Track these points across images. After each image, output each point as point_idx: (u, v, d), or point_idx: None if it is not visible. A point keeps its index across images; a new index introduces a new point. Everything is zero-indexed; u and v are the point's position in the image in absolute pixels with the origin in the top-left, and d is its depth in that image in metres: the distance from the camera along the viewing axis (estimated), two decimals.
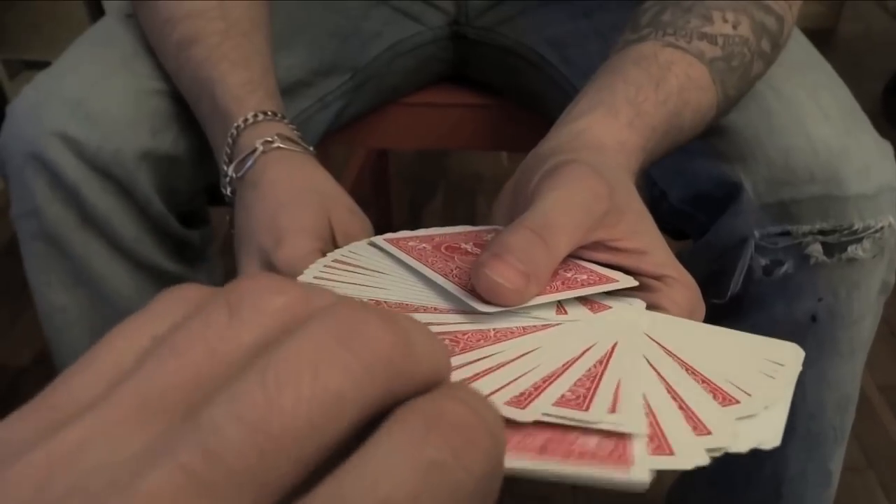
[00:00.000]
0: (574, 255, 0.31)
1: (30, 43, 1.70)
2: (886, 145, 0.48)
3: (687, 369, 0.27)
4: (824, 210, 0.45)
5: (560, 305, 0.29)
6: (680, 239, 0.57)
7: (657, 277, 0.31)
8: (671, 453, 0.22)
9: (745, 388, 0.26)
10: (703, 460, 0.22)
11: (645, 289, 0.31)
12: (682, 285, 0.31)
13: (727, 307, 0.50)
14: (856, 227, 0.45)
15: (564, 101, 0.60)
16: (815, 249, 0.46)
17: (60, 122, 0.47)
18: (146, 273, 0.53)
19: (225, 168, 0.44)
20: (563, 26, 0.62)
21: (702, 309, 0.32)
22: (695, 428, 0.24)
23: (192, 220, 0.56)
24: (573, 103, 0.40)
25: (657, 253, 0.32)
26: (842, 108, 0.48)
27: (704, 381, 0.26)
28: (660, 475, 0.21)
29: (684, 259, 0.53)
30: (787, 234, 0.46)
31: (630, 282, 0.31)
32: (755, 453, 0.54)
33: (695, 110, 0.41)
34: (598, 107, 0.38)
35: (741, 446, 0.24)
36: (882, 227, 0.45)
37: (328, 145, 0.78)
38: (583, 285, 0.29)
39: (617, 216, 0.31)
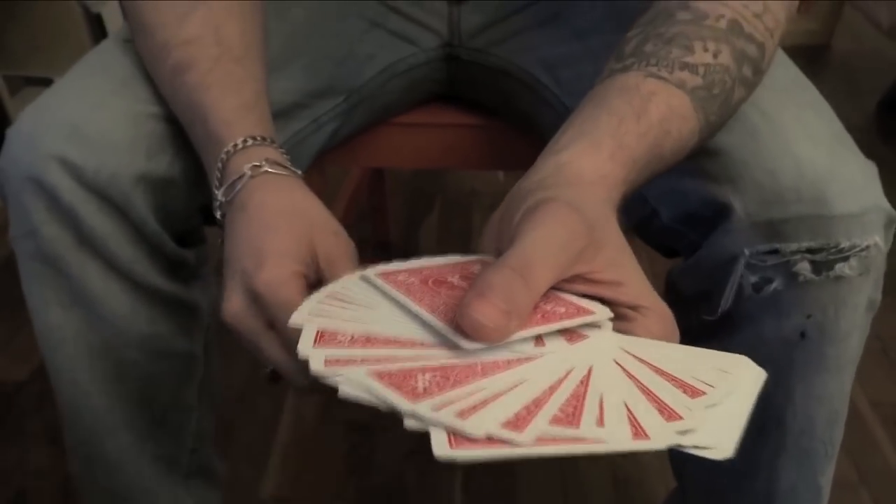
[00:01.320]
0: (554, 287, 0.32)
1: (31, 60, 1.72)
2: (871, 166, 0.49)
3: (656, 371, 0.30)
4: (812, 229, 0.46)
5: (539, 338, 0.31)
6: (670, 257, 0.58)
7: (633, 307, 0.33)
8: (647, 438, 0.27)
9: (709, 382, 0.30)
10: (675, 441, 0.27)
11: (621, 318, 0.33)
12: (657, 315, 0.33)
13: (717, 324, 0.51)
14: (842, 245, 0.46)
15: (557, 121, 0.61)
16: (804, 267, 0.46)
17: (58, 146, 0.47)
18: (142, 292, 0.54)
19: (216, 192, 0.45)
20: (555, 48, 0.63)
21: (676, 336, 0.34)
22: (668, 417, 0.28)
23: (187, 240, 0.57)
24: (559, 132, 0.41)
25: (633, 284, 0.33)
26: (827, 131, 0.49)
27: (673, 380, 0.30)
28: (653, 492, 0.23)
29: (674, 277, 0.54)
30: (775, 252, 0.46)
31: (606, 314, 0.32)
32: (747, 468, 0.55)
33: (676, 140, 0.42)
34: (581, 139, 0.39)
35: (703, 439, 0.28)
36: (868, 246, 0.46)
37: (324, 163, 0.80)
38: (561, 318, 0.31)
39: (594, 250, 0.32)
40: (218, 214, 0.45)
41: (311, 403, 1.02)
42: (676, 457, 0.66)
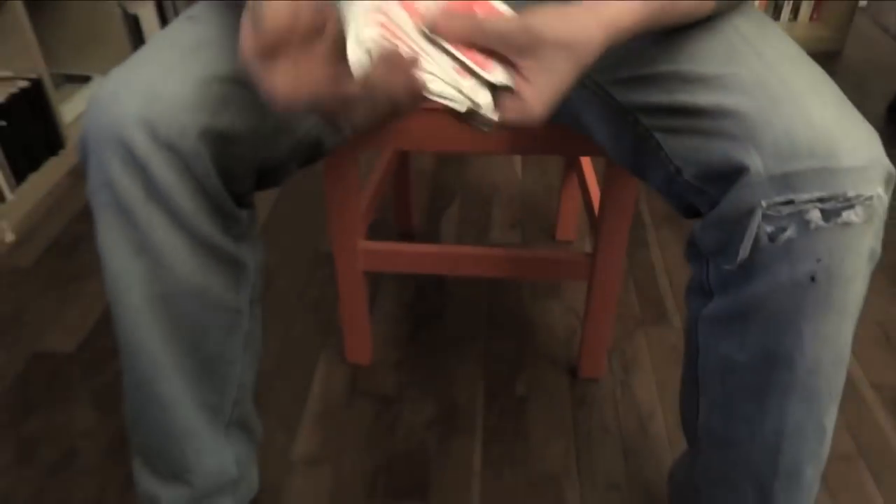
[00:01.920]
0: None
1: (72, 58, 1.81)
2: (874, 130, 0.55)
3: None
4: (822, 180, 0.51)
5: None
6: (690, 217, 0.63)
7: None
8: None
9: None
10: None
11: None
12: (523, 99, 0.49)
13: (735, 273, 0.57)
14: (849, 195, 0.51)
15: (585, 94, 0.67)
16: (815, 216, 0.52)
17: (136, 106, 0.54)
18: (199, 245, 0.60)
19: None
20: None
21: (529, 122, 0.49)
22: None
23: (241, 201, 0.63)
24: None
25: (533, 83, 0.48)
26: (835, 97, 0.56)
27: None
28: (661, 462, 0.26)
29: (696, 232, 0.60)
30: (790, 202, 0.52)
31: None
32: (757, 410, 0.60)
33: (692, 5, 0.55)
34: None
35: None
36: (872, 196, 0.52)
37: (357, 150, 0.86)
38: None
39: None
40: None
41: (339, 376, 1.08)
42: (689, 413, 0.71)
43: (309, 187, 1.54)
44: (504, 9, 0.50)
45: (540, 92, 0.48)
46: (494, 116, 0.49)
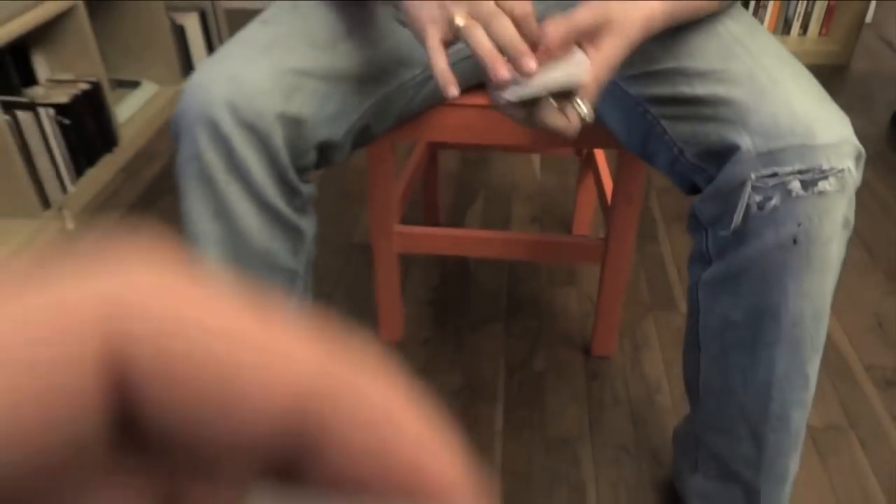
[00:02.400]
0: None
1: (123, 65, 1.95)
2: (845, 115, 0.66)
3: None
4: (801, 155, 0.62)
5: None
6: (691, 194, 0.74)
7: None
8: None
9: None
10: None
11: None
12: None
13: (730, 239, 0.67)
14: (824, 167, 0.62)
15: (609, 86, 0.77)
16: (795, 186, 0.62)
17: (222, 91, 0.65)
18: (268, 212, 0.71)
19: None
20: None
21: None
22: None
23: (303, 176, 0.74)
24: None
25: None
26: (813, 88, 0.67)
27: None
28: (666, 429, 0.33)
29: (696, 206, 0.71)
30: (774, 175, 0.62)
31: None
32: (750, 360, 0.71)
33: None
34: None
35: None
36: (843, 169, 0.62)
37: (394, 142, 0.97)
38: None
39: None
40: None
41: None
42: (691, 372, 0.81)
43: (343, 188, 1.65)
44: None
45: (605, 64, 0.61)
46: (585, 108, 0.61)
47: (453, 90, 0.60)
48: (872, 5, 2.11)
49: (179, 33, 1.99)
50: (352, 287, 1.33)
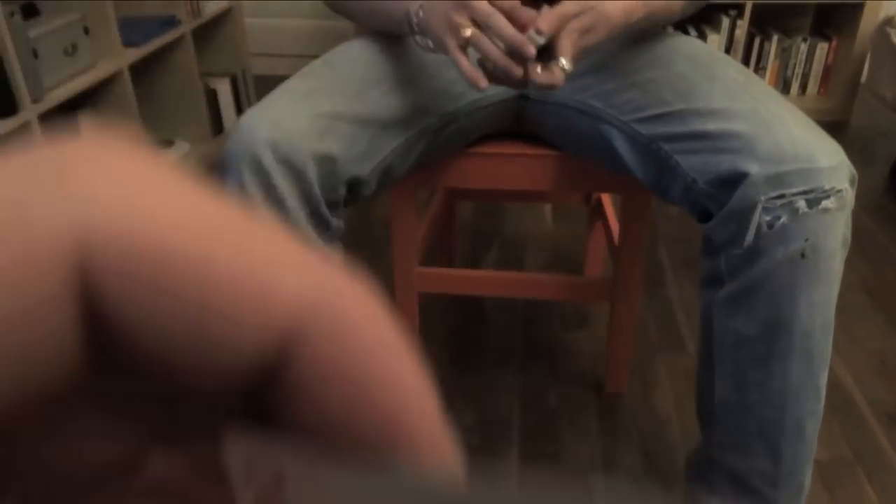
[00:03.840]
0: None
1: (158, 125, 2.07)
2: (837, 143, 0.74)
3: None
4: (805, 177, 0.70)
5: None
6: (704, 221, 0.80)
7: None
8: None
9: None
10: None
11: None
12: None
13: (741, 258, 0.74)
14: (825, 187, 0.70)
15: (617, 133, 0.86)
16: (802, 204, 0.70)
17: (265, 133, 0.74)
18: (300, 240, 0.79)
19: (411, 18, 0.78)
20: (605, 85, 0.89)
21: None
22: None
23: (333, 211, 0.82)
24: None
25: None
26: (808, 122, 0.76)
27: None
28: (676, 461, 0.37)
29: (710, 229, 0.83)
30: (782, 196, 0.70)
31: None
32: (766, 374, 0.78)
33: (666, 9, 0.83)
34: None
35: None
36: (841, 189, 0.71)
37: (416, 186, 1.06)
38: None
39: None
40: (414, 20, 0.78)
41: None
42: (706, 394, 0.86)
43: (358, 237, 1.74)
44: None
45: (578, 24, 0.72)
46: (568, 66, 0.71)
47: (483, 83, 0.71)
48: (866, 66, 2.21)
49: (212, 96, 2.12)
50: None
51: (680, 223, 1.78)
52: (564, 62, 0.70)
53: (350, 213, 0.86)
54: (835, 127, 2.30)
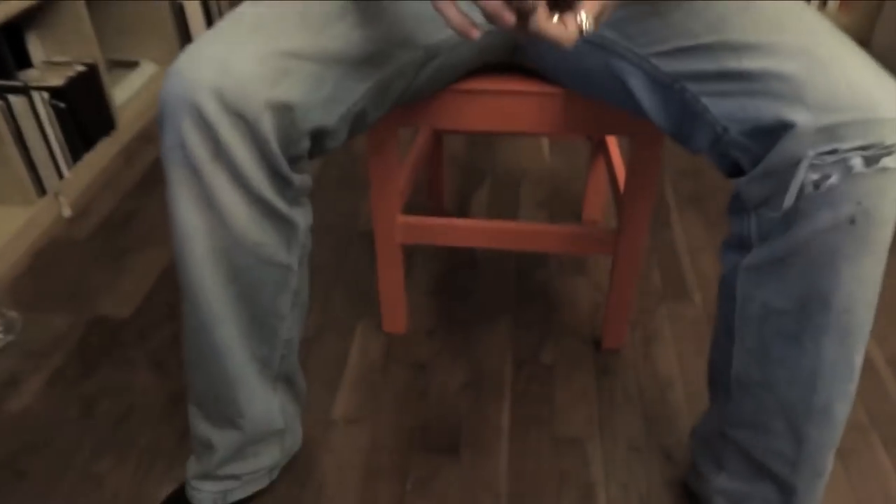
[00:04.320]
0: None
1: (120, 45, 1.90)
2: None
3: None
4: (864, 130, 0.58)
5: None
6: (733, 176, 0.69)
7: None
8: None
9: None
10: None
11: None
12: None
13: (780, 221, 0.63)
14: (887, 142, 0.58)
15: (631, 69, 0.73)
16: (857, 162, 0.58)
17: (207, 76, 0.61)
18: (257, 204, 0.67)
19: None
20: (621, 10, 0.74)
21: None
22: None
23: (295, 166, 0.70)
24: None
25: None
26: (869, 61, 0.63)
27: None
28: (679, 427, 0.29)
29: (741, 187, 0.68)
30: (834, 151, 0.59)
31: None
32: (794, 350, 0.67)
33: None
34: None
35: None
36: None
37: (396, 127, 0.93)
38: None
39: None
40: None
41: (375, 344, 1.15)
42: (721, 365, 0.76)
43: (343, 174, 1.61)
44: None
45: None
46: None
47: (475, 32, 0.58)
48: None
49: (178, 11, 1.93)
50: (353, 278, 1.29)
51: (687, 155, 1.65)
52: (584, 18, 0.55)
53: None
54: None
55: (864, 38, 2.18)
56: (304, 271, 0.79)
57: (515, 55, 0.87)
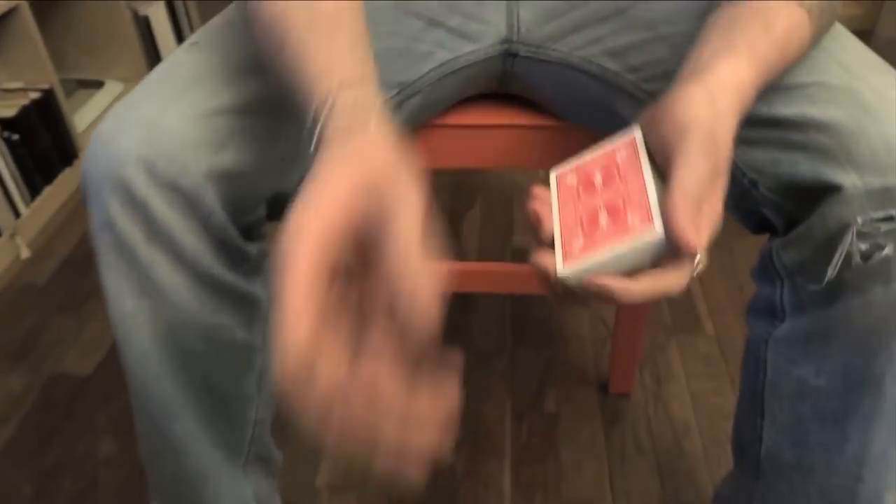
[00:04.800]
0: None
1: (83, 63, 1.78)
2: None
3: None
4: None
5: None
6: (760, 232, 0.59)
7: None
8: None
9: None
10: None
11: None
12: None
13: (820, 293, 0.53)
14: None
15: (633, 104, 0.62)
16: None
17: (133, 145, 0.51)
18: (206, 284, 0.57)
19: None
20: (620, 38, 0.64)
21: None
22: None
23: (251, 234, 0.60)
24: (696, 52, 0.49)
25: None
26: None
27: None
28: (700, 483, 0.23)
29: (776, 249, 0.57)
30: (889, 218, 0.48)
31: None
32: (838, 435, 0.57)
33: (797, 48, 0.51)
34: (721, 53, 0.47)
35: None
36: None
37: None
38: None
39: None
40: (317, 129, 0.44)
41: None
42: (748, 438, 0.67)
43: None
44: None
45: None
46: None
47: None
48: None
49: (144, 25, 1.82)
50: None
51: None
52: (700, 260, 0.44)
53: None
54: (858, 36, 2.04)
55: (867, 30, 2.08)
56: (268, 346, 0.69)
57: (502, 83, 0.76)
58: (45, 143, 1.43)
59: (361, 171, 0.39)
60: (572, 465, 0.94)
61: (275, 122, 0.56)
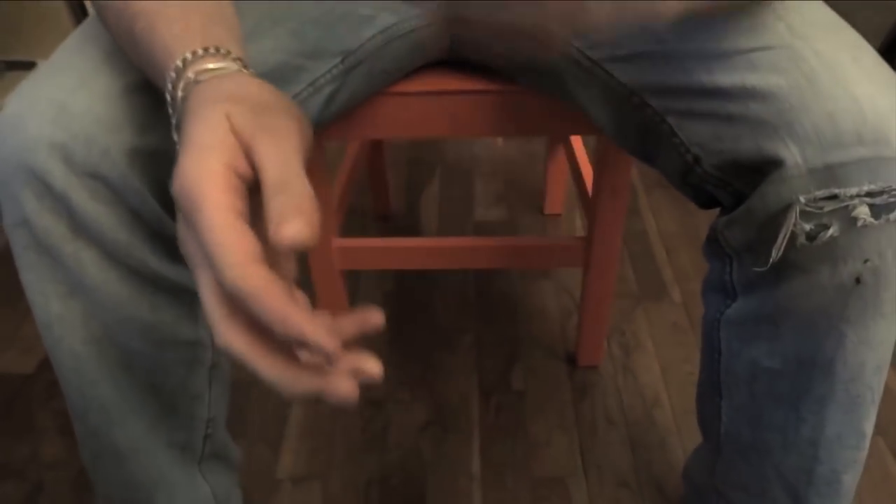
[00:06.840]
0: None
1: (12, 44, 1.68)
2: None
3: None
4: (872, 172, 0.44)
5: None
6: (706, 208, 0.56)
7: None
8: None
9: None
10: None
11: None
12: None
13: (768, 273, 0.50)
14: None
15: (581, 75, 0.59)
16: (863, 211, 0.45)
17: (45, 129, 0.45)
18: (141, 279, 0.52)
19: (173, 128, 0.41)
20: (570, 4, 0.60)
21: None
22: None
23: None
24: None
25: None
26: (883, 72, 0.47)
27: None
28: (672, 454, 0.19)
29: (720, 228, 0.52)
30: (833, 197, 0.45)
31: None
32: (792, 419, 0.54)
33: None
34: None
35: None
36: None
37: (322, 139, 0.77)
38: None
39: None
40: (176, 98, 0.41)
41: None
42: (709, 415, 0.65)
43: None
44: None
45: None
46: None
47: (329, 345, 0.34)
48: None
49: (78, 4, 1.72)
50: None
51: None
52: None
53: None
54: None
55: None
56: None
57: (452, 49, 0.72)
58: None
59: (237, 99, 0.38)
60: (542, 442, 0.92)
61: None
